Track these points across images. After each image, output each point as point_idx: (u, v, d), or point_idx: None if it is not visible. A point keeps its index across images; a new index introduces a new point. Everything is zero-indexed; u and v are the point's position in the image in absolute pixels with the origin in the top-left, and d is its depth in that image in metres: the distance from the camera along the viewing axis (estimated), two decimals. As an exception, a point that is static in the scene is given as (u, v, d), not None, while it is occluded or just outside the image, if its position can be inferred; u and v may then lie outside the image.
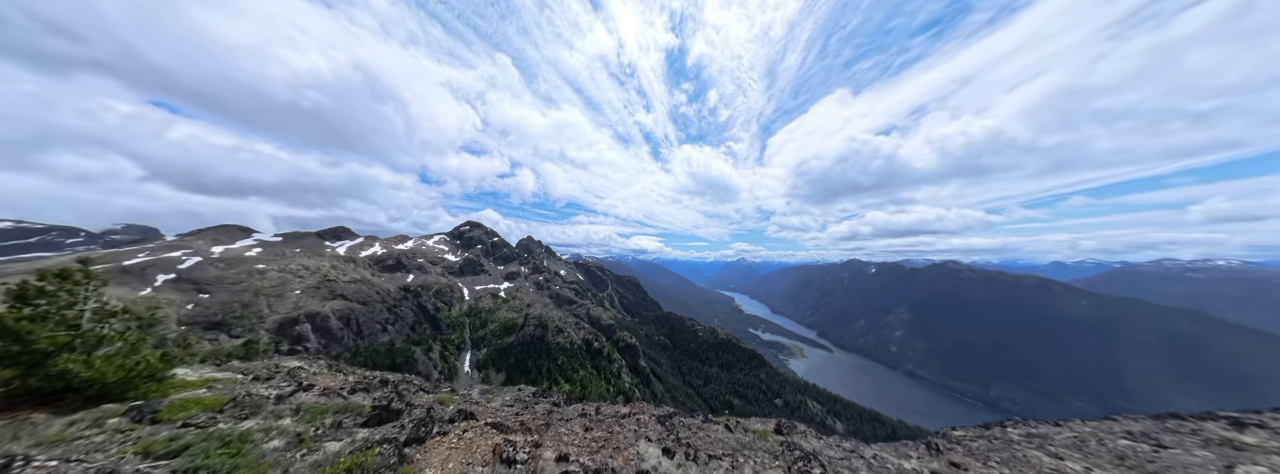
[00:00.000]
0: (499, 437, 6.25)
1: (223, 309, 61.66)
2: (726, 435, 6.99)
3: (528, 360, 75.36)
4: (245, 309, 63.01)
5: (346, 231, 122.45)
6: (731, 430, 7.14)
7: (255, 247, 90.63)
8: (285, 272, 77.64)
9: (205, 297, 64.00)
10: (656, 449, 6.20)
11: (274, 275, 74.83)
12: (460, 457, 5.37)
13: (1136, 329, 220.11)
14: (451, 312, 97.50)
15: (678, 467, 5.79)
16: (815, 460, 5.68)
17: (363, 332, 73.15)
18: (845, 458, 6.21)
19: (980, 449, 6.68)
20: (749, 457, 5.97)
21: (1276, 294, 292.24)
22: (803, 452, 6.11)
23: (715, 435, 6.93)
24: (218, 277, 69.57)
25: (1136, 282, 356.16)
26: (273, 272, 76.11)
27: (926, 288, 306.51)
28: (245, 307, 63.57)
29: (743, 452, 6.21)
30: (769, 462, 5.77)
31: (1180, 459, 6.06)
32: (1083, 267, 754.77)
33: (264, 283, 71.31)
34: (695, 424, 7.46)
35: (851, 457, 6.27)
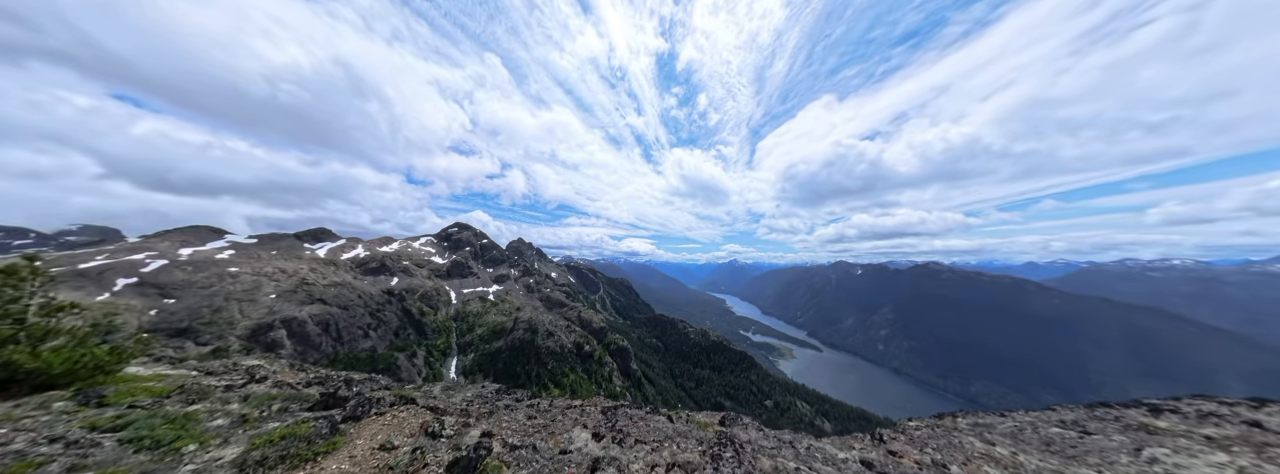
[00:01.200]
0: (430, 415, 7.00)
1: (190, 315, 58.31)
2: (666, 425, 7.31)
3: (517, 365, 73.91)
4: (215, 315, 59.76)
5: (327, 233, 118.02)
6: (673, 421, 7.49)
7: (227, 249, 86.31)
8: (260, 275, 74.10)
9: (170, 302, 60.42)
10: (588, 434, 6.70)
11: (247, 279, 71.32)
12: (389, 430, 6.18)
13: (1103, 326, 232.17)
14: (437, 316, 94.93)
15: (602, 448, 6.29)
16: (732, 445, 5.99)
17: (343, 337, 70.39)
18: (776, 447, 6.39)
19: (921, 437, 7.01)
20: (674, 442, 6.40)
21: (1224, 291, 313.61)
22: (729, 439, 6.37)
23: (655, 425, 7.22)
24: (185, 280, 65.84)
25: (1102, 281, 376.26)
26: (246, 275, 72.54)
27: (910, 288, 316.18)
28: (215, 312, 60.30)
29: (673, 439, 6.55)
30: (691, 446, 6.19)
31: (1100, 443, 6.54)
32: (1053, 266, 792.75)
33: (236, 287, 67.86)
34: (639, 415, 7.74)
35: (783, 447, 6.44)
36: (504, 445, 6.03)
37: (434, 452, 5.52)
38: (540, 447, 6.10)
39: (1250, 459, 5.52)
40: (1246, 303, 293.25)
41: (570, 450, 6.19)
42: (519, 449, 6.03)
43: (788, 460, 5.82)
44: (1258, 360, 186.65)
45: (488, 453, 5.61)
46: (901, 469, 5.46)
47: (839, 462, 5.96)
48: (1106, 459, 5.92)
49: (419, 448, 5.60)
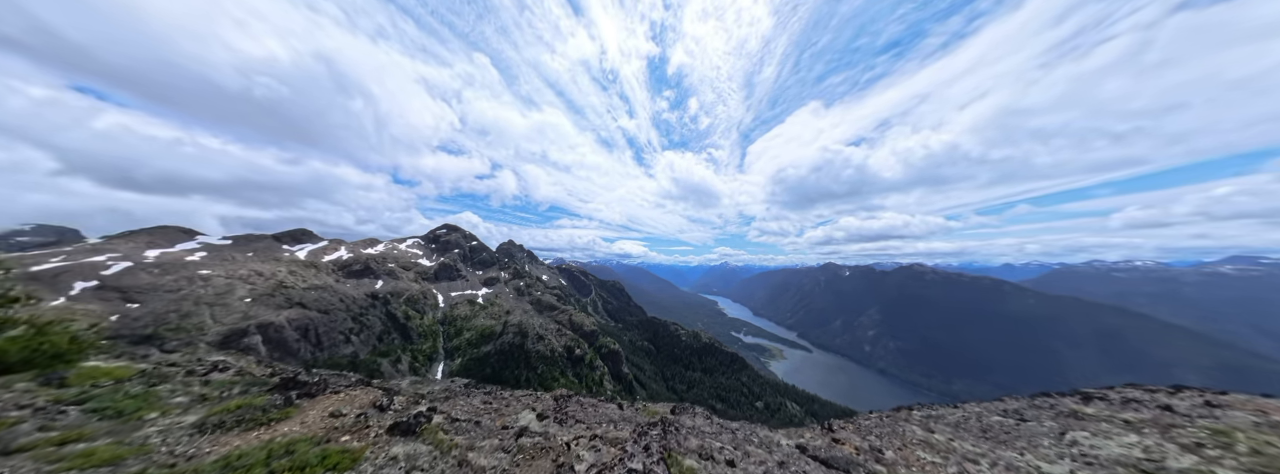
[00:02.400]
0: (381, 393, 7.50)
1: (155, 320, 55.15)
2: (615, 412, 7.66)
3: (505, 370, 72.50)
4: (183, 320, 56.69)
5: (308, 234, 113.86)
6: (623, 409, 7.87)
7: (199, 250, 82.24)
8: (234, 278, 70.80)
9: (134, 307, 57.05)
10: (533, 415, 7.32)
11: (220, 282, 68.03)
12: (341, 403, 6.81)
13: (1074, 325, 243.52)
14: (424, 320, 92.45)
15: (542, 426, 6.91)
16: (665, 427, 6.40)
17: (323, 343, 67.75)
18: (716, 432, 6.67)
19: (868, 427, 7.37)
20: (614, 424, 6.88)
21: (1182, 291, 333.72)
22: (666, 423, 6.80)
23: (603, 411, 7.57)
24: (151, 284, 62.33)
25: (1073, 281, 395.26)
26: (219, 278, 69.19)
27: (895, 289, 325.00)
28: (183, 317, 57.21)
29: (615, 422, 6.91)
30: (626, 428, 6.64)
31: (1032, 429, 7.00)
32: (1028, 268, 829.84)
33: (207, 290, 64.64)
34: (591, 403, 8.14)
35: (723, 432, 6.73)
36: (447, 419, 6.78)
37: (378, 418, 6.27)
38: (483, 423, 6.86)
39: (1156, 439, 6.00)
40: (1201, 302, 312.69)
41: (512, 427, 6.87)
42: (460, 421, 6.86)
43: (717, 442, 6.13)
44: (1213, 355, 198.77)
45: (427, 421, 6.36)
46: (833, 453, 5.74)
47: (773, 445, 6.22)
48: (1033, 442, 6.34)
49: (364, 414, 6.38)
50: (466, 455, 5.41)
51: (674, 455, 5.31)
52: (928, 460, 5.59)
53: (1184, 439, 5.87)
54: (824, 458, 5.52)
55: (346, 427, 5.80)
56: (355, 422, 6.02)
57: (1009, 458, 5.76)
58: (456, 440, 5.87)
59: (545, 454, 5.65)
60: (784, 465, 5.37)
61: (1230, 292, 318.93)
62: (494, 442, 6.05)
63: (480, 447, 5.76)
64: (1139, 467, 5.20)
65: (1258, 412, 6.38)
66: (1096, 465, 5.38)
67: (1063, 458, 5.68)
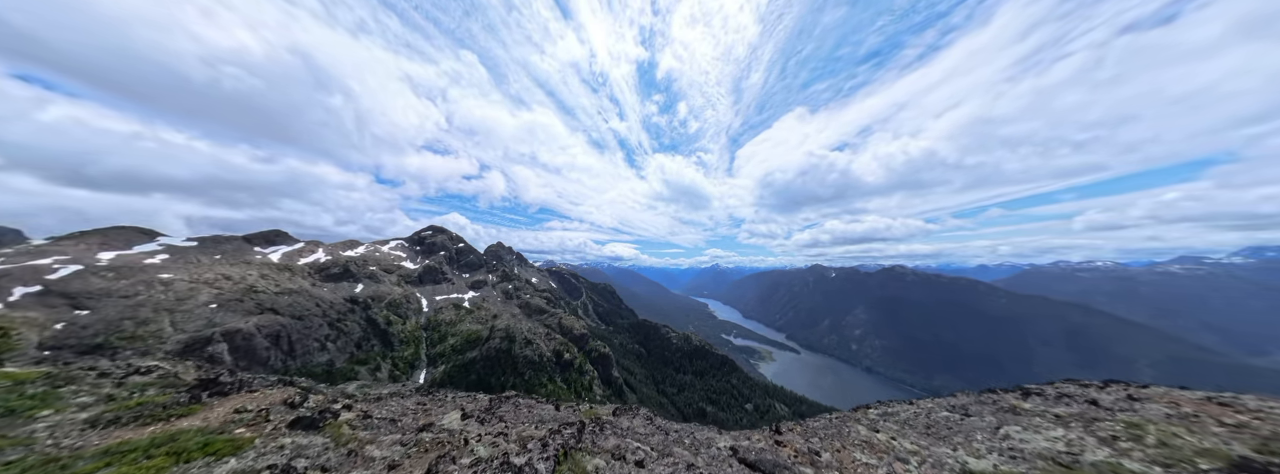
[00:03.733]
0: (295, 391, 7.40)
1: (107, 328, 51.14)
2: (550, 413, 7.75)
3: (491, 377, 70.52)
4: (139, 328, 52.79)
5: (283, 236, 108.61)
6: (560, 410, 8.00)
7: (160, 252, 77.12)
8: (198, 282, 66.63)
9: (83, 314, 52.78)
10: (458, 414, 7.33)
11: (182, 287, 63.87)
12: (249, 402, 6.61)
13: (1043, 323, 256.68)
14: (406, 325, 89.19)
15: (464, 425, 6.86)
16: (583, 427, 6.49)
17: (296, 350, 64.33)
18: (647, 434, 6.79)
19: (816, 428, 7.51)
20: (537, 425, 6.92)
21: (1137, 289, 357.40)
22: (590, 421, 6.89)
23: (537, 412, 7.68)
24: (104, 289, 57.90)
25: (1041, 281, 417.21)
26: (181, 282, 64.96)
27: (879, 290, 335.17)
28: (139, 325, 53.29)
29: (542, 422, 6.95)
30: (546, 427, 6.67)
31: (973, 424, 7.26)
32: (1001, 268, 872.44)
33: (168, 296, 60.54)
34: (528, 405, 8.30)
35: (655, 434, 6.84)
36: (360, 416, 6.75)
37: (283, 414, 6.24)
38: (402, 421, 6.86)
39: (1079, 432, 6.32)
40: (1154, 299, 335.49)
41: (431, 426, 6.85)
42: (374, 419, 6.82)
43: (639, 442, 6.18)
44: (1165, 349, 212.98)
45: (334, 417, 6.33)
46: (763, 455, 5.77)
47: (704, 446, 6.26)
48: (969, 438, 6.62)
49: (266, 409, 6.30)
50: (362, 448, 5.67)
51: (575, 454, 5.45)
52: (862, 462, 5.73)
53: (1102, 432, 6.17)
54: (753, 460, 5.53)
55: (246, 421, 5.88)
56: (256, 416, 6.07)
57: (941, 454, 5.96)
58: (359, 435, 6.07)
59: (439, 448, 5.81)
60: (692, 468, 5.41)
61: (1179, 289, 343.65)
62: (396, 437, 6.19)
63: (381, 441, 6.01)
64: (1058, 460, 5.44)
65: (1171, 404, 6.84)
66: (1020, 459, 5.62)
67: (992, 452, 5.91)
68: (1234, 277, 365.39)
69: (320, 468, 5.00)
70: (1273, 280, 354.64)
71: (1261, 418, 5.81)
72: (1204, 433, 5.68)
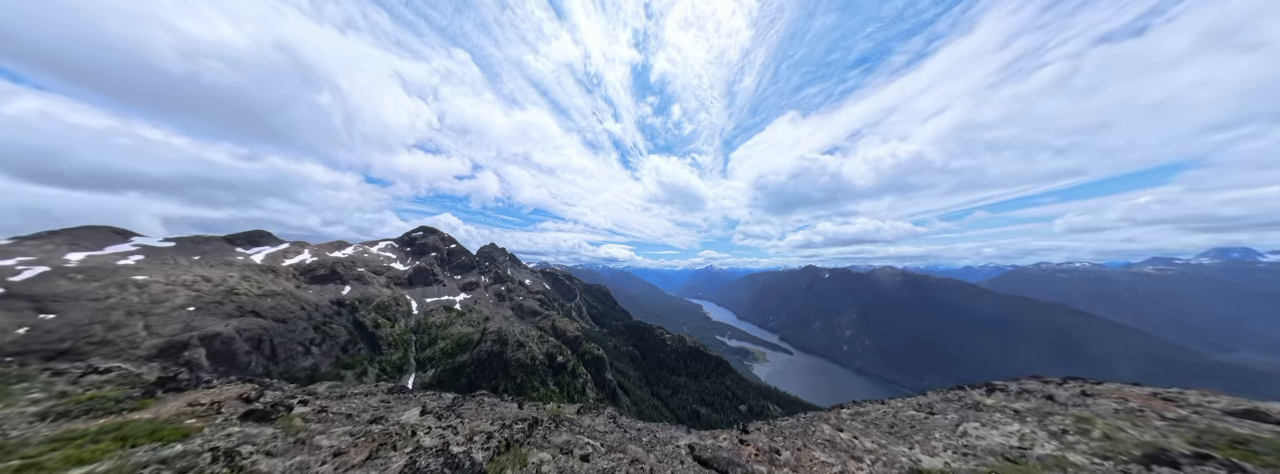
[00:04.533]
0: (253, 387, 7.40)
1: (75, 332, 48.78)
2: (511, 412, 7.95)
3: (482, 380, 69.30)
4: (110, 332, 50.50)
5: (267, 236, 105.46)
6: (522, 409, 8.26)
7: (134, 253, 74.11)
8: (175, 284, 64.14)
9: (49, 318, 50.24)
10: (417, 410, 7.49)
11: (158, 289, 61.39)
12: (205, 397, 6.64)
13: (1026, 322, 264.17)
14: (395, 328, 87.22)
15: (421, 420, 6.99)
16: (533, 423, 6.75)
17: (278, 355, 62.31)
18: (606, 431, 6.99)
19: (783, 428, 7.59)
20: (492, 420, 7.02)
21: (1113, 289, 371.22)
22: (543, 418, 7.07)
23: (497, 410, 7.87)
24: (72, 291, 55.28)
25: (1023, 282, 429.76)
26: (157, 284, 62.45)
27: (870, 291, 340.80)
28: (110, 329, 50.98)
29: (498, 419, 7.07)
30: (501, 422, 6.88)
31: (937, 422, 7.29)
32: (986, 270, 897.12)
33: (142, 299, 58.10)
34: (491, 403, 8.53)
35: (614, 432, 7.03)
36: (316, 410, 6.79)
37: (235, 407, 6.31)
38: (357, 416, 6.94)
39: (1033, 426, 6.50)
40: (1129, 299, 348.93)
41: (384, 419, 6.99)
42: (331, 413, 6.86)
43: (589, 439, 6.36)
44: (1139, 346, 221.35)
45: (287, 410, 6.42)
46: (719, 454, 5.88)
47: (661, 444, 6.39)
48: (929, 435, 6.68)
49: (219, 403, 6.39)
50: (312, 437, 5.84)
51: (519, 447, 5.77)
52: (820, 460, 5.85)
53: (1053, 426, 6.37)
54: (707, 458, 5.65)
55: (197, 414, 6.00)
56: (208, 409, 6.19)
57: (897, 452, 6.04)
58: (310, 426, 6.18)
59: (386, 438, 6.08)
60: (637, 463, 5.59)
61: (1152, 289, 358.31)
62: (348, 428, 6.33)
63: (331, 432, 6.16)
64: (1007, 455, 5.60)
65: (1120, 399, 7.06)
66: (971, 455, 5.73)
67: (947, 450, 6.00)
68: (1202, 277, 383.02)
69: (265, 453, 5.12)
70: (1237, 281, 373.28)
71: (1200, 412, 6.12)
72: (1146, 426, 5.95)
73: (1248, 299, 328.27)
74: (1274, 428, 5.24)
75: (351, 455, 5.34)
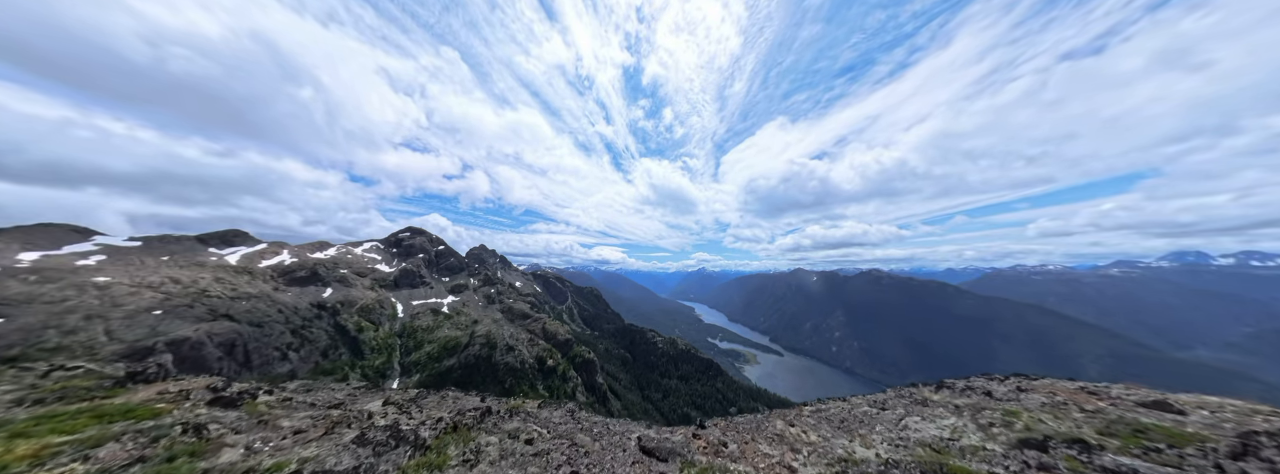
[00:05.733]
0: (220, 379, 8.25)
1: (25, 338, 45.55)
2: (473, 403, 8.38)
3: (469, 385, 67.68)
4: (66, 337, 47.35)
5: (243, 236, 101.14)
6: (484, 401, 8.71)
7: (96, 253, 69.95)
8: (141, 286, 60.72)
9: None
10: (380, 402, 8.06)
11: (122, 291, 57.99)
12: (173, 386, 7.29)
13: (1005, 323, 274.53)
14: (379, 332, 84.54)
15: (382, 409, 7.53)
16: (486, 413, 7.21)
17: (252, 360, 59.53)
18: (560, 422, 7.34)
19: (739, 424, 7.87)
20: (448, 409, 7.40)
21: (1083, 291, 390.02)
22: (504, 410, 7.47)
23: (460, 402, 8.32)
24: (24, 294, 51.67)
25: (1002, 284, 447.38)
26: (121, 286, 59.00)
27: (857, 293, 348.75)
28: (66, 334, 47.81)
29: (455, 409, 7.47)
30: (456, 413, 7.29)
31: (885, 417, 7.52)
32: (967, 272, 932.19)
33: (103, 301, 54.75)
34: (455, 396, 9.02)
35: (568, 423, 7.35)
36: (281, 399, 7.37)
37: (203, 395, 6.83)
38: (318, 404, 7.49)
39: (966, 420, 6.78)
40: (1097, 300, 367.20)
41: (343, 405, 7.51)
42: (294, 401, 7.45)
43: (539, 427, 6.71)
44: (1107, 346, 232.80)
45: (252, 398, 7.09)
46: (663, 443, 6.12)
47: (610, 435, 6.66)
48: (872, 429, 6.92)
49: (187, 391, 6.89)
50: (275, 420, 6.47)
51: (467, 430, 6.34)
52: (763, 452, 6.12)
53: (983, 420, 6.67)
54: (651, 447, 5.93)
55: (168, 399, 6.54)
56: (177, 396, 6.71)
57: (836, 445, 6.32)
58: (275, 411, 6.76)
59: (344, 419, 6.66)
60: (577, 447, 5.98)
61: (1117, 291, 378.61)
62: (309, 413, 6.92)
63: (294, 416, 6.80)
64: (934, 446, 5.87)
65: (1050, 394, 7.41)
66: (903, 447, 6.00)
67: (883, 442, 6.30)
68: (1161, 279, 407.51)
69: (231, 429, 5.87)
70: (1193, 283, 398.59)
71: (1116, 404, 6.51)
72: (1066, 418, 6.27)
73: (1202, 300, 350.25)
74: (1175, 417, 5.72)
75: (309, 433, 6.11)
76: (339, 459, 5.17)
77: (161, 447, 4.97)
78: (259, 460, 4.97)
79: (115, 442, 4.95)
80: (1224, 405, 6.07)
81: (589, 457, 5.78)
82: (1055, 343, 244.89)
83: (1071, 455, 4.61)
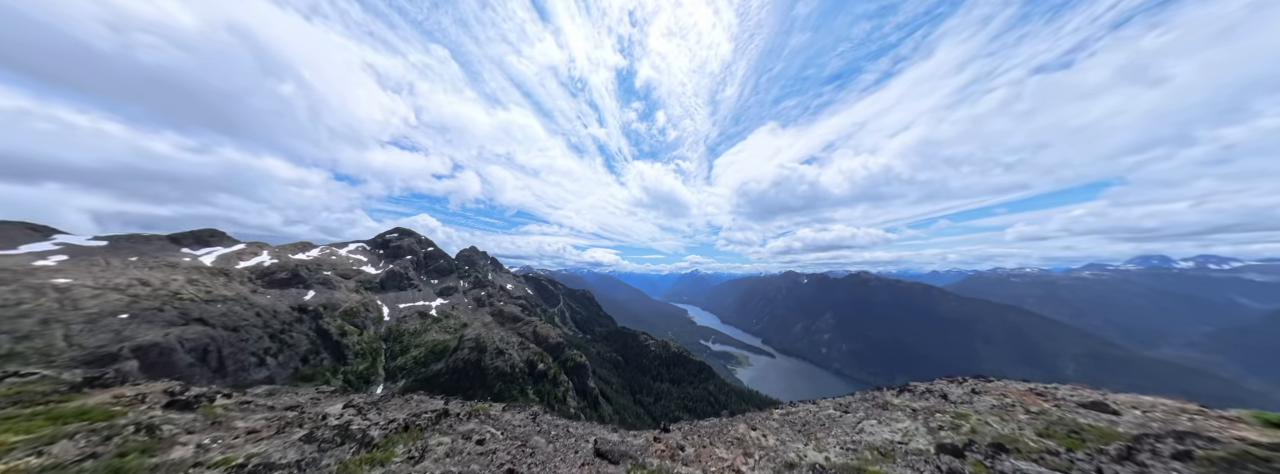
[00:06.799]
0: (179, 383, 8.27)
1: (-26, 345, 42.48)
2: (433, 405, 8.55)
3: (457, 390, 66.02)
4: (19, 343, 44.36)
5: (219, 236, 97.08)
6: (447, 404, 8.93)
7: (57, 253, 66.05)
8: (105, 288, 57.49)
9: (-59, 328, 43.58)
10: (340, 406, 8.15)
11: (84, 293, 54.77)
12: (129, 391, 7.26)
13: (987, 324, 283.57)
14: (363, 336, 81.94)
15: (341, 411, 7.61)
16: (443, 415, 7.37)
17: (226, 366, 56.86)
18: (520, 425, 7.49)
19: (703, 428, 7.86)
20: (406, 413, 7.53)
21: (1059, 292, 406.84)
22: (463, 412, 7.56)
23: (423, 405, 8.48)
24: (-27, 298, 48.30)
25: (983, 286, 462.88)
26: (83, 288, 55.73)
27: (846, 295, 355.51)
28: (20, 340, 44.80)
29: (413, 413, 7.61)
30: (412, 413, 7.50)
31: (846, 421, 7.47)
32: (950, 274, 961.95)
33: (63, 305, 51.59)
34: (419, 400, 9.27)
35: (527, 425, 7.49)
36: (240, 403, 7.49)
37: (159, 398, 6.90)
38: (275, 405, 7.65)
39: (919, 423, 6.69)
40: (1072, 301, 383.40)
41: (299, 406, 7.58)
42: (252, 404, 7.56)
43: (497, 430, 6.77)
44: (1083, 345, 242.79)
45: (210, 402, 7.23)
46: (618, 446, 6.08)
47: (566, 437, 6.73)
48: (830, 433, 6.82)
49: (144, 394, 6.98)
50: (231, 421, 6.66)
51: (419, 431, 6.47)
52: (718, 456, 6.06)
53: (934, 423, 6.61)
54: (605, 450, 5.96)
55: (123, 403, 6.56)
56: (133, 400, 6.75)
57: (791, 448, 6.21)
58: (231, 413, 6.88)
59: (299, 420, 6.79)
60: (526, 447, 6.06)
61: (1090, 293, 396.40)
62: (265, 415, 7.05)
63: (250, 417, 6.97)
64: (882, 449, 5.83)
65: (1001, 395, 7.43)
66: (853, 451, 5.95)
67: (837, 446, 6.22)
68: (1128, 282, 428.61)
69: (185, 430, 6.03)
70: (1157, 285, 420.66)
71: (1060, 405, 6.56)
72: (1011, 420, 6.32)
73: (1167, 301, 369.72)
74: (1110, 417, 5.86)
75: (262, 432, 6.30)
76: (284, 455, 5.45)
77: (114, 444, 5.29)
78: (209, 456, 5.36)
79: (69, 440, 5.24)
80: (1156, 405, 6.23)
81: (535, 457, 5.83)
82: (1036, 343, 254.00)
83: (978, 460, 4.66)
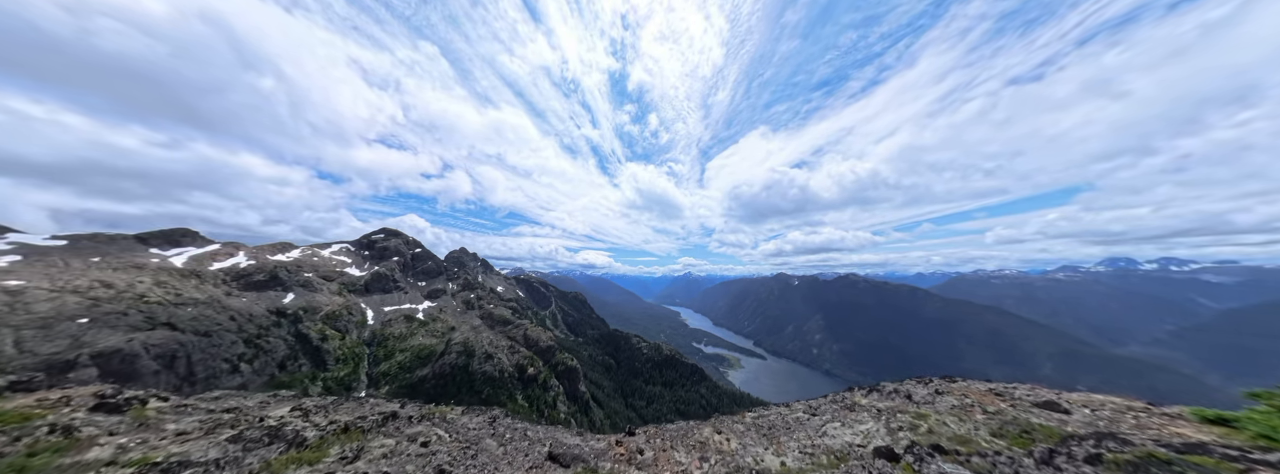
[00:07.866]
0: (112, 387, 7.57)
1: (-90, 353, 39.31)
2: (386, 408, 8.48)
3: (444, 396, 64.31)
4: (-37, 351, 41.25)
5: (192, 235, 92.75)
6: (404, 407, 8.90)
7: (9, 253, 61.95)
8: (64, 291, 54.08)
9: (-127, 334, 40.19)
10: (286, 409, 7.75)
11: (40, 296, 51.37)
12: (54, 394, 6.88)
13: (969, 324, 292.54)
14: (345, 341, 79.13)
15: (287, 414, 7.32)
16: (392, 417, 7.33)
17: (196, 373, 54.04)
18: (475, 428, 7.41)
19: (668, 431, 7.74)
20: (355, 415, 7.43)
21: (1035, 293, 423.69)
22: (413, 415, 7.55)
23: (377, 409, 8.43)
24: (-88, 302, 44.78)
25: (966, 287, 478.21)
26: (38, 291, 52.28)
27: (835, 297, 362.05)
28: (-36, 347, 41.67)
29: (358, 416, 7.52)
30: (364, 416, 7.47)
31: (812, 423, 7.29)
32: (934, 276, 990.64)
33: (15, 309, 48.26)
34: (375, 403, 9.27)
35: (481, 428, 7.45)
36: (175, 405, 7.12)
37: (86, 401, 6.51)
38: (215, 409, 7.33)
39: (881, 425, 6.54)
40: (1048, 302, 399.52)
41: (235, 408, 7.28)
42: (188, 407, 7.20)
43: (447, 433, 6.68)
44: (1057, 344, 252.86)
45: (142, 405, 6.80)
46: (571, 450, 6.01)
47: (528, 442, 6.67)
48: (793, 436, 6.58)
49: (69, 397, 6.61)
50: (162, 423, 6.30)
51: (361, 433, 6.35)
52: (675, 460, 5.91)
53: (894, 424, 6.42)
54: (558, 454, 5.87)
55: (45, 406, 6.20)
56: (57, 402, 6.37)
57: (750, 452, 6.04)
58: (164, 416, 6.53)
59: (233, 422, 6.59)
60: (470, 449, 5.98)
61: (1063, 293, 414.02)
62: (200, 417, 6.79)
63: (183, 420, 6.61)
64: (839, 452, 5.69)
65: (961, 396, 7.18)
66: (810, 454, 5.78)
67: (796, 449, 6.02)
68: (1098, 283, 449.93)
69: (107, 432, 5.65)
70: (1125, 286, 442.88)
71: (1015, 405, 6.45)
72: (968, 420, 6.15)
73: (1134, 301, 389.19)
74: (1061, 416, 5.79)
75: (191, 434, 6.08)
76: (205, 453, 5.28)
77: (23, 445, 5.04)
78: (127, 456, 5.09)
79: None
80: (1105, 404, 6.11)
81: (479, 459, 5.69)
82: (1015, 342, 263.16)
83: (909, 464, 4.61)
